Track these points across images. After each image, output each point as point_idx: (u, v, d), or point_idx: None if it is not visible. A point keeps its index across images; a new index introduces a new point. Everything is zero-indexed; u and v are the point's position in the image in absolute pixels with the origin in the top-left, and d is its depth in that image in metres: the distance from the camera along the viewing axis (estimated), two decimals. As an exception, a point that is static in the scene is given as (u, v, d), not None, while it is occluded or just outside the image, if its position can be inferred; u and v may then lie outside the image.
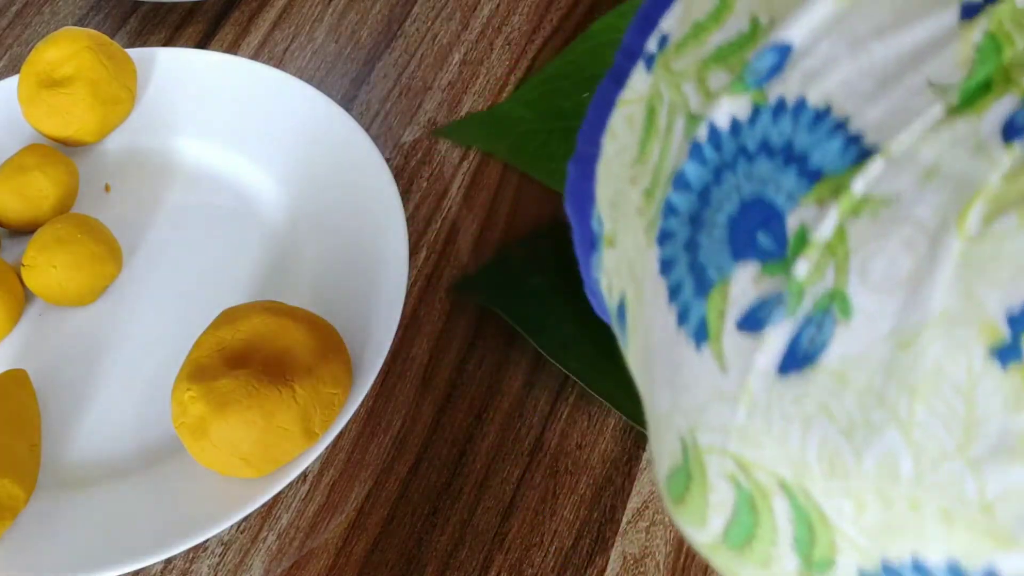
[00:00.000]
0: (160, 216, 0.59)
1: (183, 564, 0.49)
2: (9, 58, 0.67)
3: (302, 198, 0.57)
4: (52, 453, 0.51)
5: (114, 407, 0.52)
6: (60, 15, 0.69)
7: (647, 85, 0.31)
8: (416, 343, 0.54)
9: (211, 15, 0.68)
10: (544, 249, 0.56)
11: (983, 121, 0.24)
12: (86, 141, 0.60)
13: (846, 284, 0.24)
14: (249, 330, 0.48)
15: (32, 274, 0.54)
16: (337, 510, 0.50)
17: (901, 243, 0.24)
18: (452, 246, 0.57)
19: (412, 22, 0.67)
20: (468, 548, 0.48)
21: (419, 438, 0.51)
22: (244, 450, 0.46)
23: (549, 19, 0.66)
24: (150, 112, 0.61)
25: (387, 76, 0.64)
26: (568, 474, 0.50)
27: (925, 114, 0.25)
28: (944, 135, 0.24)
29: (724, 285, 0.26)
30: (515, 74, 0.64)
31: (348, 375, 0.49)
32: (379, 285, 0.52)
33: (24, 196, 0.56)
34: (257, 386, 0.46)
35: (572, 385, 0.52)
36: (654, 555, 0.48)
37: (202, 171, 0.60)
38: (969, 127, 0.24)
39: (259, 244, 0.57)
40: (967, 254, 0.23)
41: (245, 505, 0.47)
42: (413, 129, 0.62)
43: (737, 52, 0.28)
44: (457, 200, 0.59)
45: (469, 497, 0.50)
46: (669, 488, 0.29)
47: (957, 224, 0.24)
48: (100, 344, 0.54)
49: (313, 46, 0.66)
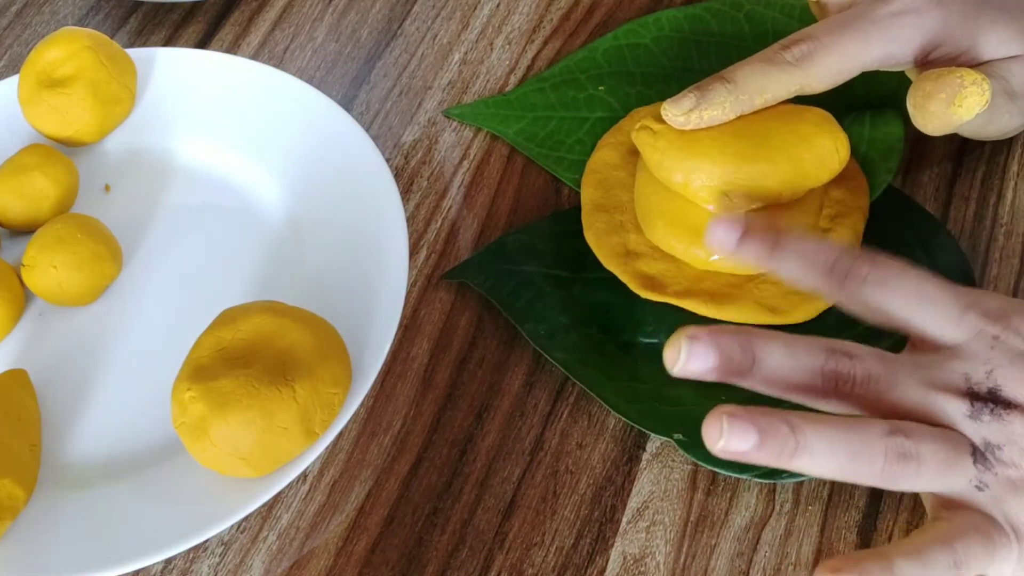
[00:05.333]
0: (160, 216, 0.59)
1: (183, 564, 0.49)
2: (9, 58, 0.67)
3: (302, 198, 0.57)
4: (52, 453, 0.51)
5: (114, 407, 0.52)
6: (60, 15, 0.69)
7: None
8: (416, 343, 0.54)
9: (211, 15, 0.68)
10: (540, 239, 0.56)
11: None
12: (86, 141, 0.60)
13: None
14: (249, 330, 0.48)
15: (32, 274, 0.54)
16: (337, 510, 0.50)
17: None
18: (452, 246, 0.57)
19: (412, 22, 0.67)
20: (468, 548, 0.48)
21: (419, 438, 0.51)
22: (244, 450, 0.46)
23: (549, 19, 0.66)
24: (150, 112, 0.61)
25: (387, 76, 0.64)
26: (568, 474, 0.50)
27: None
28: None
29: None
30: (515, 74, 0.64)
31: (348, 375, 0.49)
32: (379, 285, 0.52)
33: (24, 196, 0.56)
34: (257, 386, 0.46)
35: (572, 385, 0.52)
36: (654, 555, 0.48)
37: (202, 171, 0.60)
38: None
39: (259, 244, 0.57)
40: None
41: (245, 505, 0.47)
42: (413, 129, 0.62)
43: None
44: (457, 200, 0.59)
45: (469, 497, 0.50)
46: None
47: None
48: (100, 344, 0.54)
49: (313, 46, 0.66)
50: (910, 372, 0.42)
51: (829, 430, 0.40)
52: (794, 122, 0.50)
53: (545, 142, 0.60)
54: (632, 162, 0.56)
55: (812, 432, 0.40)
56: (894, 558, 0.40)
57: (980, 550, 0.40)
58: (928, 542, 0.40)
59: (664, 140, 0.51)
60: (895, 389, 0.42)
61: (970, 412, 0.41)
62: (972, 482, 0.41)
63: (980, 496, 0.41)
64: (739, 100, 0.50)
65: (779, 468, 0.41)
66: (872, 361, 0.42)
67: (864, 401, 0.42)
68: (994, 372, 0.42)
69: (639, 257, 0.53)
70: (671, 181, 0.51)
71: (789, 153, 0.49)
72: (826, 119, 0.51)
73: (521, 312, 0.53)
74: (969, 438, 0.41)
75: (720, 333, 0.41)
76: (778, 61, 0.51)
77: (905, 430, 0.41)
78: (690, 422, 0.49)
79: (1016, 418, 0.41)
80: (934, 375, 0.42)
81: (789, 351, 0.42)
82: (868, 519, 0.48)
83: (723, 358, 0.41)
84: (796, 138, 0.50)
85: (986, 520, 0.41)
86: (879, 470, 0.40)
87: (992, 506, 0.41)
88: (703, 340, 0.41)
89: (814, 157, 0.50)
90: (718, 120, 0.50)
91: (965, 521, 0.41)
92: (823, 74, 0.51)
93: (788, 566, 0.47)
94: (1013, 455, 0.41)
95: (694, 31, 0.62)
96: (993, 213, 0.56)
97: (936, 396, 0.42)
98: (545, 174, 0.59)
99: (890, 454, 0.40)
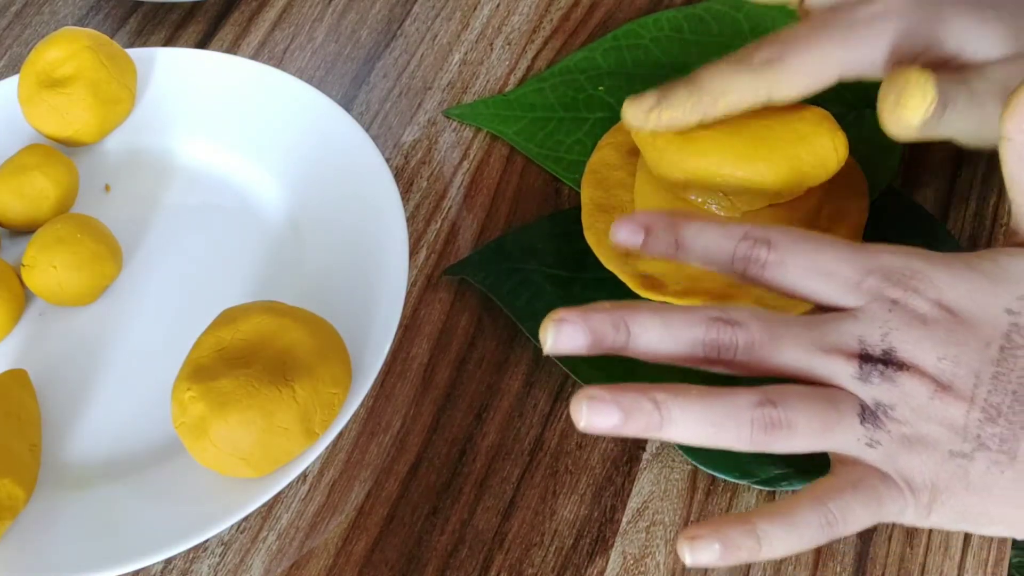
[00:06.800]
0: (160, 216, 0.59)
1: (183, 564, 0.49)
2: (9, 58, 0.67)
3: (302, 198, 0.57)
4: (52, 453, 0.51)
5: (114, 407, 0.52)
6: (60, 15, 0.69)
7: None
8: (416, 343, 0.54)
9: (211, 15, 0.68)
10: (540, 239, 0.56)
11: None
12: (86, 141, 0.60)
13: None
14: (249, 330, 0.48)
15: (32, 274, 0.54)
16: (337, 510, 0.50)
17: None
18: (452, 246, 0.57)
19: (412, 22, 0.67)
20: (468, 548, 0.48)
21: (419, 438, 0.51)
22: (244, 450, 0.46)
23: (549, 19, 0.66)
24: (150, 112, 0.61)
25: (387, 76, 0.64)
26: (568, 474, 0.50)
27: None
28: None
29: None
30: (515, 74, 0.64)
31: (348, 375, 0.49)
32: (379, 285, 0.52)
33: (24, 196, 0.56)
34: (257, 386, 0.46)
35: (572, 385, 0.52)
36: (654, 555, 0.48)
37: (202, 171, 0.60)
38: None
39: (259, 244, 0.57)
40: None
41: (245, 505, 0.47)
42: (413, 129, 0.62)
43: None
44: (457, 200, 0.59)
45: (469, 497, 0.50)
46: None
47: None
48: (100, 344, 0.54)
49: (313, 46, 0.66)
50: (798, 335, 0.43)
51: (693, 404, 0.42)
52: (793, 121, 0.50)
53: (545, 142, 0.60)
54: (632, 162, 0.56)
55: (676, 407, 0.41)
56: (756, 520, 0.41)
57: (860, 508, 0.42)
58: (797, 502, 0.42)
59: (663, 139, 0.51)
60: (779, 354, 0.43)
61: (858, 374, 0.42)
62: (861, 440, 0.42)
63: (872, 453, 0.42)
64: (700, 102, 0.49)
65: (648, 438, 0.43)
66: (756, 326, 0.43)
67: (749, 366, 0.43)
68: (889, 335, 0.42)
69: (639, 257, 0.53)
70: (671, 180, 0.51)
71: (788, 152, 0.49)
72: (825, 118, 0.51)
73: (521, 310, 0.53)
74: (859, 398, 0.42)
75: (592, 311, 0.43)
76: (746, 62, 0.49)
77: (776, 398, 0.42)
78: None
79: (908, 379, 0.42)
80: (825, 337, 0.43)
81: (665, 324, 0.43)
82: (868, 519, 0.48)
83: (594, 337, 0.42)
84: (795, 137, 0.50)
85: (875, 476, 0.42)
86: (747, 438, 0.42)
87: (885, 462, 0.42)
88: (571, 321, 0.42)
89: (813, 156, 0.50)
90: (678, 122, 0.50)
91: (848, 478, 0.42)
92: (792, 79, 0.49)
93: (788, 566, 0.47)
94: (906, 414, 0.42)
95: (694, 31, 0.62)
96: (993, 213, 0.56)
97: (822, 359, 0.43)
98: (545, 174, 0.60)
99: (757, 424, 0.41)
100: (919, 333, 0.42)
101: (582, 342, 0.42)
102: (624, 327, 0.43)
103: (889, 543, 0.47)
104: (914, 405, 0.42)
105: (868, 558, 0.47)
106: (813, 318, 0.44)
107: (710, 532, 0.41)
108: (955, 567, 0.47)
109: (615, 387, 0.42)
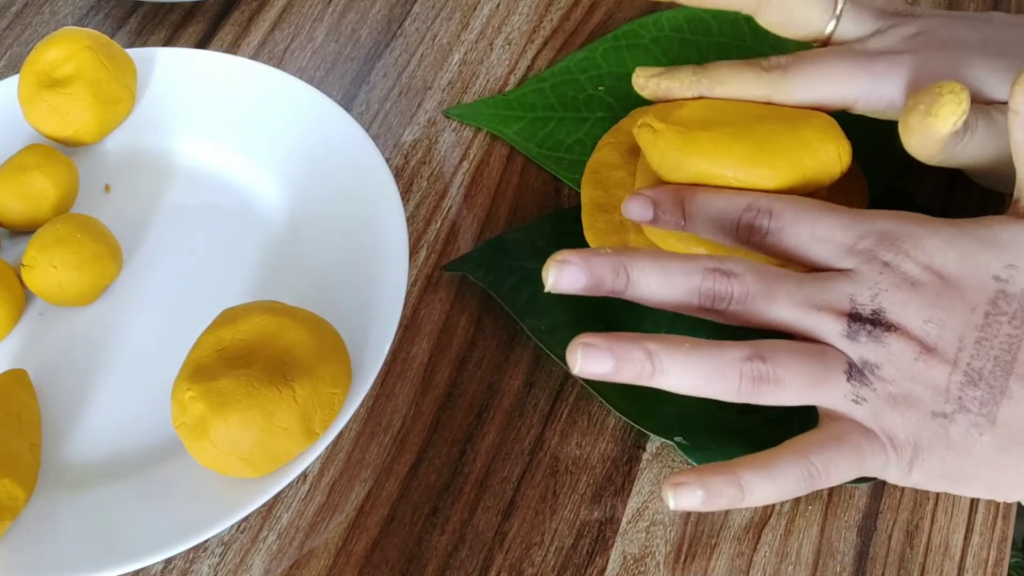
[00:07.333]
0: (160, 216, 0.59)
1: (183, 564, 0.49)
2: (9, 58, 0.67)
3: (302, 198, 0.57)
4: (52, 453, 0.51)
5: (114, 407, 0.52)
6: (60, 15, 0.69)
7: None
8: (416, 343, 0.54)
9: (211, 15, 0.68)
10: (541, 237, 0.56)
11: None
12: (86, 141, 0.60)
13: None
14: (249, 330, 0.48)
15: (32, 274, 0.54)
16: (337, 510, 0.50)
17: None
18: (452, 246, 0.57)
19: (412, 22, 0.67)
20: (468, 547, 0.48)
21: (419, 438, 0.51)
22: (244, 450, 0.46)
23: (549, 19, 0.66)
24: (150, 112, 0.61)
25: (387, 76, 0.64)
26: (568, 474, 0.50)
27: None
28: None
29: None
30: (515, 74, 0.64)
31: (348, 375, 0.49)
32: (379, 285, 0.52)
33: (24, 196, 0.56)
34: (257, 386, 0.46)
35: (572, 385, 0.52)
36: (654, 555, 0.48)
37: (202, 171, 0.60)
38: None
39: (259, 244, 0.57)
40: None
41: (245, 505, 0.47)
42: (413, 129, 0.62)
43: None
44: (457, 200, 0.59)
45: (469, 496, 0.50)
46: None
47: None
48: (100, 344, 0.54)
49: (313, 46, 0.66)
50: (791, 291, 0.44)
51: (684, 356, 0.43)
52: (799, 127, 0.50)
53: (545, 142, 0.60)
54: (632, 162, 0.56)
55: (667, 357, 0.43)
56: (739, 471, 0.43)
57: (842, 461, 0.43)
58: (780, 454, 0.43)
59: (664, 139, 0.51)
60: (772, 307, 0.44)
61: (847, 332, 0.44)
62: (848, 397, 0.44)
63: (858, 409, 0.44)
64: (700, 83, 0.52)
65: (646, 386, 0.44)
66: (751, 278, 0.45)
67: (741, 317, 0.45)
68: (879, 296, 0.44)
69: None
70: (671, 180, 0.51)
71: (791, 158, 0.49)
72: (830, 125, 0.51)
73: (522, 308, 0.53)
74: (847, 356, 0.44)
75: (593, 255, 0.44)
76: (756, 63, 0.52)
77: (765, 353, 0.43)
78: (690, 424, 0.49)
79: (895, 340, 0.43)
80: (818, 295, 0.44)
81: (663, 272, 0.45)
82: (868, 519, 0.48)
83: (594, 279, 0.44)
84: (799, 143, 0.50)
85: (859, 431, 0.44)
86: (735, 390, 0.43)
87: (870, 419, 0.44)
88: (573, 263, 0.44)
89: (816, 162, 0.50)
90: (673, 93, 0.52)
91: (831, 433, 0.44)
92: (793, 87, 0.51)
93: (788, 566, 0.47)
94: (892, 373, 0.43)
95: (694, 32, 0.62)
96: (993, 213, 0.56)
97: (813, 315, 0.44)
98: (545, 174, 0.60)
99: (745, 377, 0.43)
100: (908, 295, 0.44)
101: (582, 283, 0.44)
102: (624, 272, 0.44)
103: (889, 543, 0.48)
104: (900, 365, 0.43)
105: (868, 558, 0.47)
106: (808, 275, 0.45)
107: (694, 479, 0.42)
108: (955, 567, 0.47)
109: (610, 335, 0.43)
